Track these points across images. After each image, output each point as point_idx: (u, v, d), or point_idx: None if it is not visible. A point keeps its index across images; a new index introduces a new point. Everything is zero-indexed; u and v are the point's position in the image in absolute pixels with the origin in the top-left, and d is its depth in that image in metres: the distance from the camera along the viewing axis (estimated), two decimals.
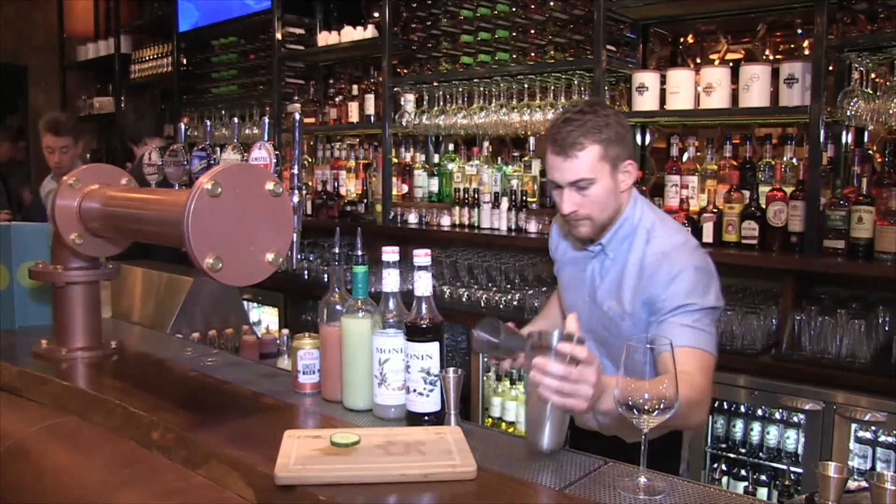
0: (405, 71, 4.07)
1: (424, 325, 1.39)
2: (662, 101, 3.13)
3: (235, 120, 2.18)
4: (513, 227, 3.54)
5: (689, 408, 1.45)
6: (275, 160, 1.60)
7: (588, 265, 1.83)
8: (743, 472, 2.80)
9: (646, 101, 3.14)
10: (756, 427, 2.79)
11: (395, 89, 4.04)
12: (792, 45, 3.29)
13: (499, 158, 3.88)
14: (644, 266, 1.68)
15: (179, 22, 5.41)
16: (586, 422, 1.85)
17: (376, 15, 4.24)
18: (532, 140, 3.66)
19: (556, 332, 1.37)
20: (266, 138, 1.68)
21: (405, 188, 4.08)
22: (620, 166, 1.68)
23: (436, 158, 4.20)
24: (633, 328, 1.70)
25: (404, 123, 4.00)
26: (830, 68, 2.88)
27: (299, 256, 1.98)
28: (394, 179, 4.08)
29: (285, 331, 2.62)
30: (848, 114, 2.70)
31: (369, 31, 4.14)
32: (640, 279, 1.68)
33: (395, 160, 4.12)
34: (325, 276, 4.19)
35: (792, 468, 2.67)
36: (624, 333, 1.69)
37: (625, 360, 1.22)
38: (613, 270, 1.76)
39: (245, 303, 3.95)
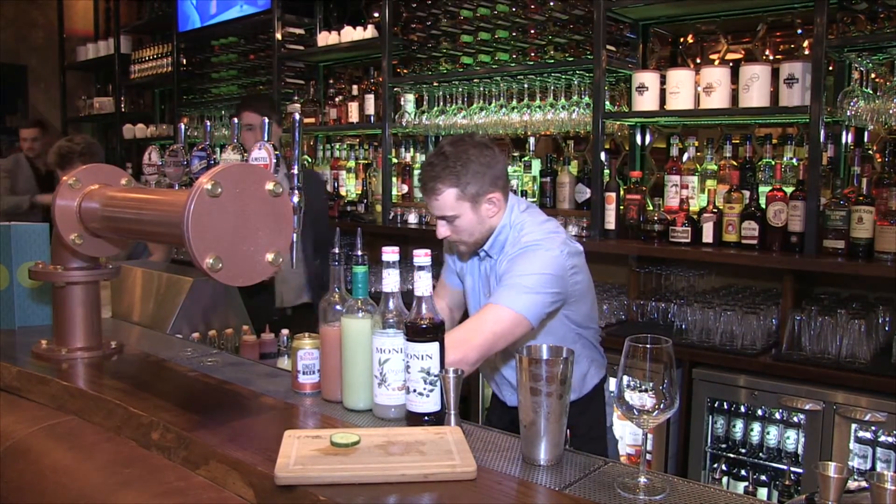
0: (405, 71, 4.07)
1: (424, 325, 1.39)
2: (662, 101, 3.13)
3: (235, 120, 2.18)
4: None
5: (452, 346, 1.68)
6: (275, 160, 1.60)
7: (481, 266, 2.08)
8: (743, 472, 2.81)
9: (646, 101, 3.15)
10: (756, 427, 2.80)
11: (395, 89, 4.04)
12: (792, 45, 3.29)
13: None
14: (511, 256, 1.92)
15: (184, 20, 5.41)
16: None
17: (376, 15, 4.24)
18: (532, 140, 3.66)
19: (545, 346, 1.36)
20: (266, 138, 1.68)
21: (405, 188, 4.08)
22: (482, 200, 1.91)
23: None
24: None
25: (404, 123, 4.00)
26: (830, 68, 2.89)
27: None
28: (394, 179, 4.08)
29: (285, 331, 2.61)
30: (848, 114, 2.70)
31: (369, 31, 4.14)
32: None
33: (395, 160, 4.12)
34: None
35: (792, 468, 2.67)
36: None
37: None
38: (498, 268, 2.00)
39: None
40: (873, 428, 2.47)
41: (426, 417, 1.41)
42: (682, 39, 3.59)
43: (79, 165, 3.44)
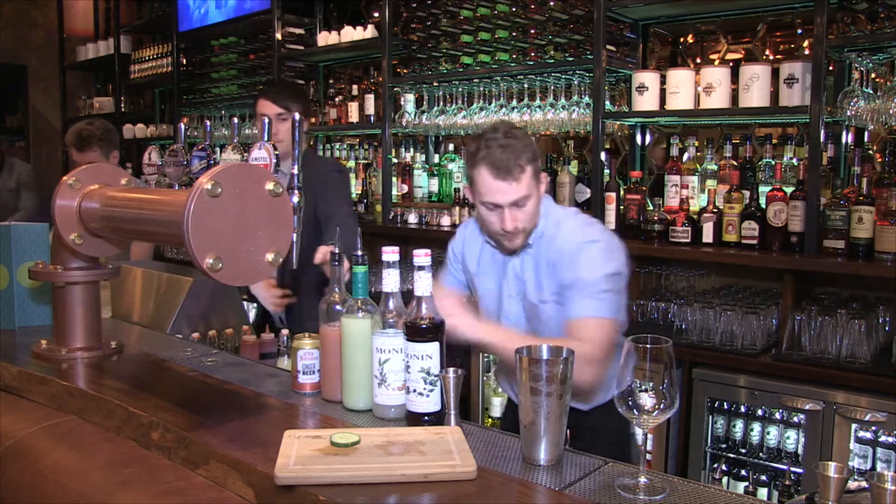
0: (405, 71, 4.07)
1: (424, 325, 1.39)
2: (662, 101, 3.13)
3: (235, 120, 2.18)
4: None
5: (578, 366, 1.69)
6: (274, 160, 1.60)
7: (510, 264, 1.98)
8: (743, 472, 2.81)
9: (646, 101, 3.15)
10: (756, 427, 2.80)
11: (395, 89, 4.04)
12: (792, 45, 3.29)
13: None
14: (560, 252, 1.87)
15: (184, 19, 5.41)
16: None
17: (376, 15, 4.24)
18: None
19: (545, 346, 1.36)
20: (266, 138, 1.68)
21: (405, 188, 4.08)
22: (540, 177, 1.88)
23: (436, 158, 4.21)
24: (554, 313, 1.90)
25: (404, 123, 4.00)
26: (830, 68, 2.89)
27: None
28: (394, 179, 4.09)
29: (285, 331, 2.61)
30: (848, 114, 2.70)
31: (369, 31, 4.14)
32: (556, 265, 1.88)
33: (395, 160, 4.12)
34: None
35: (792, 468, 2.67)
36: (544, 318, 1.93)
37: None
38: (534, 263, 1.94)
39: (245, 303, 3.94)
40: (873, 428, 2.47)
41: (426, 417, 1.41)
42: (682, 39, 3.59)
43: (97, 149, 3.48)
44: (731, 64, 3.14)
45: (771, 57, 3.28)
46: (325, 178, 2.67)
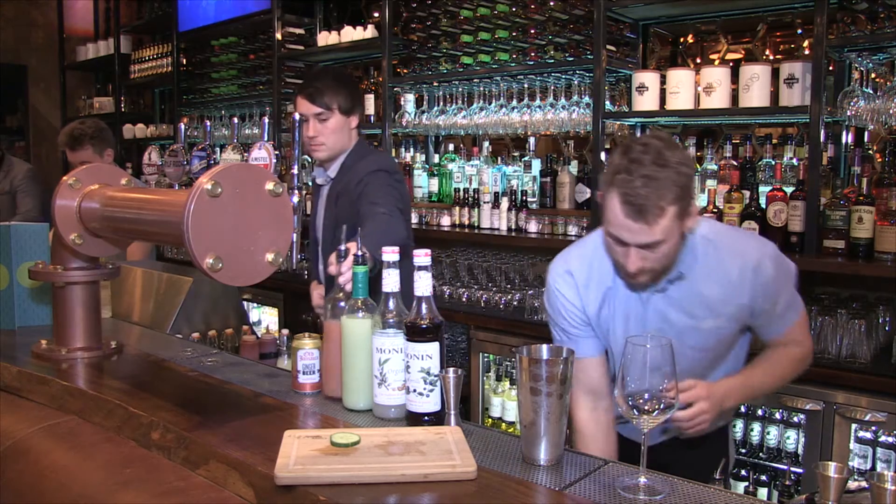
0: (405, 71, 4.07)
1: (424, 325, 1.39)
2: (662, 101, 3.13)
3: (235, 120, 2.18)
4: (513, 227, 3.54)
5: (799, 368, 1.79)
6: (275, 160, 1.60)
7: (650, 302, 1.68)
8: (743, 472, 2.80)
9: (646, 101, 3.15)
10: (756, 427, 2.80)
11: (395, 89, 4.04)
12: (792, 45, 3.29)
13: (499, 158, 3.88)
14: (728, 271, 1.63)
15: (184, 19, 5.41)
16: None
17: (376, 15, 4.25)
18: (532, 140, 3.66)
19: (545, 346, 1.35)
20: (266, 138, 1.68)
21: None
22: (688, 213, 1.54)
23: (436, 158, 4.21)
24: (729, 334, 1.72)
25: (404, 123, 4.00)
26: (830, 68, 2.89)
27: (299, 256, 1.97)
28: None
29: (285, 331, 2.62)
30: (848, 114, 2.70)
31: (369, 31, 4.14)
32: (727, 286, 1.64)
33: (395, 160, 4.12)
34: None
35: (792, 468, 2.67)
36: (712, 344, 1.71)
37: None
38: (688, 291, 1.65)
39: (245, 303, 3.95)
40: (873, 428, 2.47)
41: (426, 417, 1.41)
42: (682, 39, 3.59)
43: (89, 148, 3.47)
44: (731, 64, 3.14)
45: (771, 57, 3.28)
46: (365, 181, 2.35)
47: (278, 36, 4.62)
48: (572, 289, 1.74)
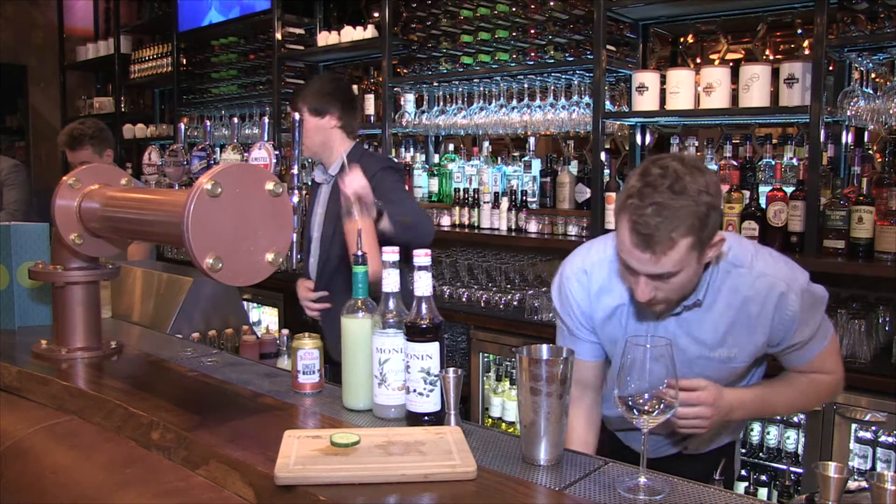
0: (405, 71, 4.07)
1: (424, 325, 1.39)
2: (662, 101, 3.13)
3: (235, 120, 2.18)
4: (513, 227, 3.54)
5: (827, 395, 1.76)
6: (275, 160, 1.60)
7: (660, 325, 1.61)
8: (743, 472, 2.80)
9: (646, 101, 3.15)
10: (756, 427, 2.80)
11: (395, 89, 4.04)
12: (792, 45, 3.29)
13: (499, 158, 3.88)
14: (751, 300, 1.54)
15: (184, 19, 5.40)
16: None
17: (376, 15, 4.25)
18: (532, 140, 3.67)
19: (545, 346, 1.35)
20: (266, 138, 1.68)
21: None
22: (710, 243, 1.43)
23: (436, 158, 4.21)
24: (744, 365, 1.63)
25: (404, 123, 4.00)
26: (830, 68, 2.89)
27: (299, 256, 1.97)
28: None
29: (285, 331, 2.62)
30: (848, 114, 2.70)
31: (369, 31, 4.14)
32: (749, 315, 1.55)
33: (395, 160, 4.12)
34: None
35: (792, 468, 2.67)
36: (725, 375, 1.62)
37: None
38: (705, 318, 1.57)
39: (245, 303, 3.95)
40: (873, 428, 2.47)
41: (426, 417, 1.41)
42: (682, 39, 3.59)
43: (88, 148, 3.48)
44: (731, 64, 3.14)
45: (771, 57, 3.28)
46: (378, 177, 2.34)
47: (278, 36, 4.62)
48: (584, 291, 1.65)
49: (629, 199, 1.40)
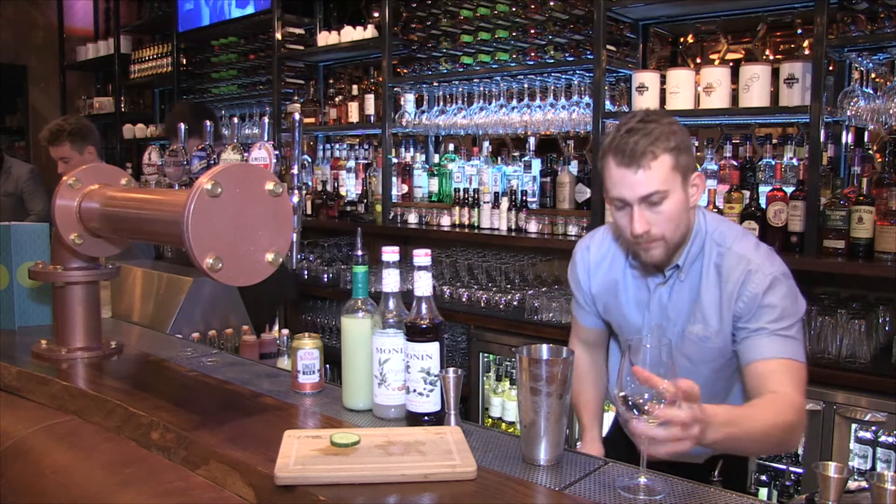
0: (405, 71, 4.07)
1: (424, 325, 1.39)
2: (662, 101, 3.13)
3: (235, 120, 2.18)
4: (513, 227, 3.54)
5: (791, 432, 1.48)
6: (275, 160, 1.60)
7: (655, 293, 1.68)
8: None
9: (646, 101, 3.14)
10: None
11: (395, 89, 4.04)
12: (792, 45, 3.29)
13: (499, 158, 3.88)
14: (726, 279, 1.59)
15: (184, 19, 5.40)
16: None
17: (376, 15, 4.24)
18: (532, 140, 3.67)
19: (545, 346, 1.36)
20: (266, 138, 1.68)
21: (405, 188, 4.08)
22: (690, 178, 1.57)
23: (436, 158, 4.21)
24: (721, 347, 1.62)
25: (404, 123, 4.00)
26: (830, 68, 2.89)
27: (299, 256, 1.97)
28: (394, 179, 4.08)
29: (285, 331, 2.61)
30: (848, 114, 2.70)
31: (369, 31, 4.14)
32: (723, 294, 1.59)
33: (395, 160, 4.12)
34: (325, 276, 4.19)
35: (792, 468, 2.67)
36: (708, 357, 1.64)
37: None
38: (686, 292, 1.64)
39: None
40: (873, 428, 2.47)
41: (426, 417, 1.41)
42: (682, 39, 3.59)
43: (67, 143, 3.55)
44: (731, 64, 3.14)
45: (771, 57, 3.28)
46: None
47: (278, 36, 4.62)
48: (584, 264, 1.82)
49: (609, 141, 1.55)
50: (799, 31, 3.23)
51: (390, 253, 1.45)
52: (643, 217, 1.52)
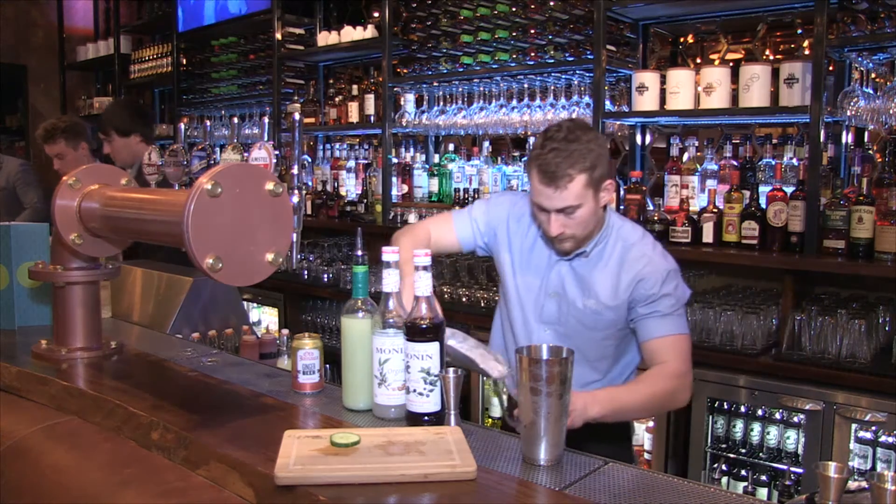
0: (405, 71, 4.07)
1: (424, 325, 1.39)
2: (662, 101, 3.13)
3: (235, 120, 2.18)
4: None
5: (673, 394, 1.80)
6: (275, 160, 1.60)
7: (556, 265, 1.91)
8: (743, 473, 2.80)
9: (646, 101, 3.14)
10: (756, 427, 2.79)
11: (395, 89, 4.04)
12: (792, 45, 3.29)
13: (499, 158, 3.88)
14: (627, 270, 1.84)
15: (184, 19, 5.40)
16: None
17: (376, 15, 4.24)
18: (532, 140, 3.66)
19: (545, 346, 1.37)
20: (266, 138, 1.68)
21: (405, 188, 4.08)
22: (602, 187, 1.78)
23: (436, 158, 4.21)
24: (614, 319, 1.87)
25: (404, 123, 4.00)
26: (830, 68, 2.89)
27: (299, 256, 1.97)
28: (394, 179, 4.08)
29: (285, 331, 2.61)
30: (848, 114, 2.70)
31: (369, 31, 4.14)
32: (620, 281, 1.84)
33: (395, 160, 4.12)
34: (325, 276, 4.19)
35: (792, 468, 2.67)
36: (601, 325, 1.88)
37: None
38: (585, 272, 1.88)
39: (245, 303, 3.94)
40: (873, 428, 2.47)
41: (426, 417, 1.41)
42: (682, 39, 3.59)
43: (61, 141, 3.71)
44: (731, 64, 3.14)
45: (771, 57, 3.28)
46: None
47: (278, 36, 4.62)
48: (504, 211, 1.99)
49: (534, 151, 1.76)
50: (799, 31, 3.23)
51: (390, 253, 1.45)
52: (558, 221, 1.77)
